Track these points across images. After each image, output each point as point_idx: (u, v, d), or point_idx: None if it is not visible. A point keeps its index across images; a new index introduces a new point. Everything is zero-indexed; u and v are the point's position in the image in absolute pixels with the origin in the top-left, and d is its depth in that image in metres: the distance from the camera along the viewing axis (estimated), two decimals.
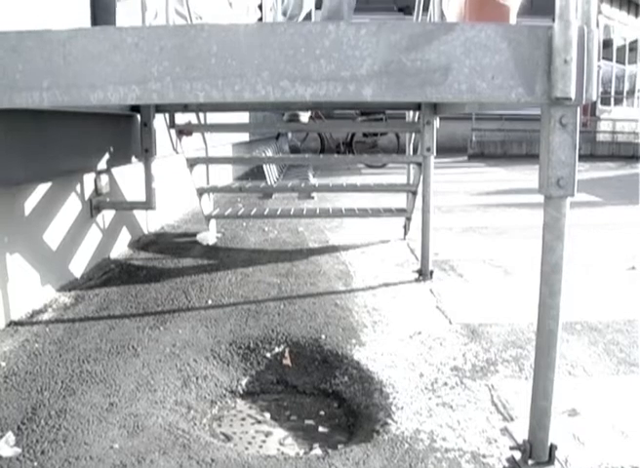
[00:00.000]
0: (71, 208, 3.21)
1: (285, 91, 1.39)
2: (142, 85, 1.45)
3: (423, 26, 1.40)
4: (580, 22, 1.45)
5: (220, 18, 6.46)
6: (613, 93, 19.59)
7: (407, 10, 15.67)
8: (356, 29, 1.38)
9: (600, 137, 17.45)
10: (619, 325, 2.59)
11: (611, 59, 19.38)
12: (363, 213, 4.05)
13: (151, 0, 3.57)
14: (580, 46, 1.43)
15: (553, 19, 1.42)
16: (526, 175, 9.57)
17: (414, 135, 4.05)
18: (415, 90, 1.41)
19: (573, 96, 1.42)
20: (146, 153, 3.73)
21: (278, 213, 4.11)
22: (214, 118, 4.61)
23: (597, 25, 17.45)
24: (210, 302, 2.88)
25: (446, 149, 12.87)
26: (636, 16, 20.20)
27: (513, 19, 3.48)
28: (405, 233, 4.34)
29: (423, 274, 3.36)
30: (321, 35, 1.38)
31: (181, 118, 4.06)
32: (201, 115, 4.21)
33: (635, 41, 20.41)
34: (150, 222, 4.53)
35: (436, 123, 3.34)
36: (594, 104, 17.62)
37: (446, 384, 2.03)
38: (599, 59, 17.55)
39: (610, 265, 3.64)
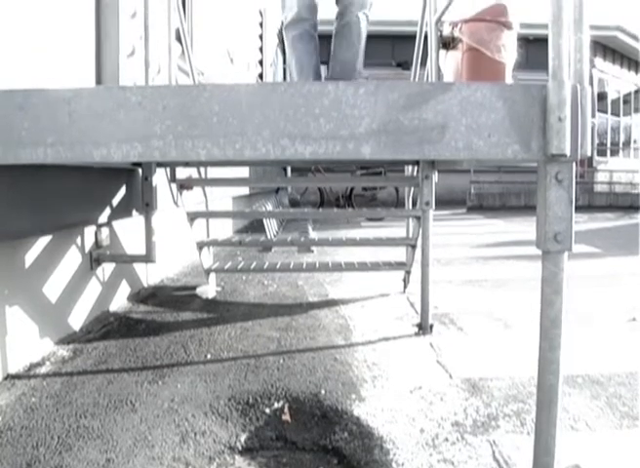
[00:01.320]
0: (71, 260, 3.22)
1: (285, 149, 1.42)
2: (145, 143, 1.48)
3: (421, 86, 1.44)
4: (573, 81, 1.49)
5: (222, 73, 6.58)
6: (609, 144, 19.87)
7: (405, 65, 16.00)
8: (355, 89, 1.41)
9: (598, 188, 17.63)
10: (620, 377, 2.57)
11: (606, 112, 19.76)
12: (362, 266, 4.06)
13: (154, 56, 3.64)
14: (574, 104, 1.47)
15: (548, 74, 1.46)
16: (525, 227, 9.60)
17: (413, 188, 4.08)
18: (413, 148, 1.43)
19: (568, 152, 1.45)
20: (147, 207, 3.75)
21: (278, 267, 4.12)
22: (214, 172, 4.65)
23: (591, 79, 17.79)
24: (209, 356, 2.86)
25: (445, 202, 12.97)
26: (629, 69, 20.67)
27: (509, 75, 3.55)
28: (404, 286, 4.34)
29: (423, 328, 3.35)
30: (320, 95, 1.41)
31: (182, 172, 4.10)
32: (202, 169, 4.26)
33: (629, 94, 20.87)
34: (150, 275, 4.54)
35: (435, 177, 3.37)
36: (591, 156, 17.83)
37: (447, 440, 2.01)
38: (594, 115, 17.80)
39: (610, 317, 3.63)
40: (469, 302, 4.06)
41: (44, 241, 2.91)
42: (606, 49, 19.34)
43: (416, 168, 3.88)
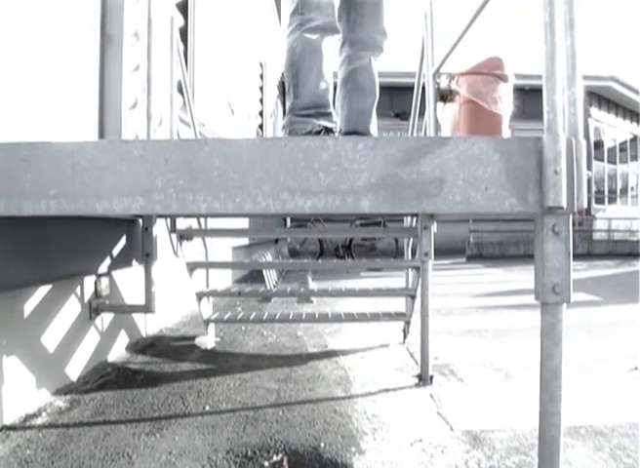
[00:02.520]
0: (70, 310, 3.21)
1: (285, 203, 1.43)
2: (147, 196, 1.50)
3: (418, 141, 1.47)
4: (568, 134, 1.52)
5: (223, 124, 6.67)
6: (606, 192, 20.04)
7: (403, 116, 16.22)
8: (354, 143, 1.44)
9: (596, 236, 17.70)
10: (624, 428, 2.54)
11: (602, 160, 20.00)
12: (362, 317, 4.05)
13: (156, 108, 3.70)
14: (570, 157, 1.49)
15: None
16: (524, 276, 9.60)
17: (412, 238, 4.10)
18: (411, 202, 1.45)
19: (564, 204, 1.47)
20: (147, 257, 3.76)
21: (277, 317, 4.11)
22: (214, 223, 4.68)
23: (588, 128, 18.05)
24: (207, 408, 2.84)
25: (444, 251, 13.00)
26: (624, 118, 21.00)
27: (506, 126, 3.60)
28: (404, 337, 4.32)
29: (423, 379, 3.32)
30: (320, 149, 1.43)
31: (183, 222, 4.12)
32: (202, 220, 4.28)
33: (625, 142, 21.16)
34: (149, 325, 4.52)
35: (433, 227, 3.39)
36: (589, 204, 17.94)
37: None
38: (590, 166, 17.97)
39: (612, 366, 3.60)
40: (470, 353, 4.04)
41: (44, 290, 2.92)
42: (601, 98, 19.68)
43: (415, 218, 3.90)
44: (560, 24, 1.53)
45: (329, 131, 3.07)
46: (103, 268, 3.59)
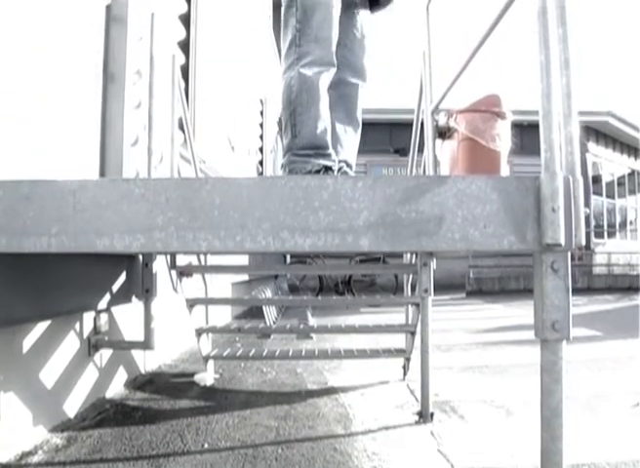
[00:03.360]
0: (69, 346, 3.20)
1: (285, 241, 1.44)
2: (147, 234, 1.51)
3: (417, 180, 1.48)
4: (565, 172, 1.53)
5: (223, 160, 6.71)
6: (605, 226, 20.09)
7: (402, 152, 16.34)
8: (353, 182, 1.45)
9: (596, 270, 17.70)
10: (627, 466, 2.52)
11: (601, 194, 20.09)
12: (362, 354, 4.03)
13: (157, 145, 3.73)
14: (567, 194, 1.51)
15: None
16: (524, 311, 9.55)
17: (412, 274, 4.10)
18: (410, 240, 1.46)
19: (562, 242, 1.48)
20: (147, 293, 3.76)
21: (276, 354, 4.09)
22: (214, 259, 4.68)
23: (585, 163, 18.17)
24: (206, 446, 2.81)
25: (444, 286, 12.96)
26: (621, 153, 21.20)
27: (504, 163, 3.63)
28: (404, 373, 4.29)
29: (424, 416, 3.30)
30: (319, 188, 1.45)
31: (183, 259, 4.13)
32: (202, 256, 4.28)
33: (623, 176, 21.29)
34: (148, 361, 4.50)
35: (433, 264, 3.39)
36: (588, 238, 18.01)
37: None
38: (588, 202, 18.06)
39: (614, 402, 3.58)
40: (470, 389, 4.01)
41: (43, 326, 2.91)
42: (598, 133, 19.85)
43: (414, 255, 3.90)
44: (555, 64, 1.56)
45: (328, 169, 3.09)
46: (103, 304, 3.58)
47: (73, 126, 3.17)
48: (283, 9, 3.32)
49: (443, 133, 3.57)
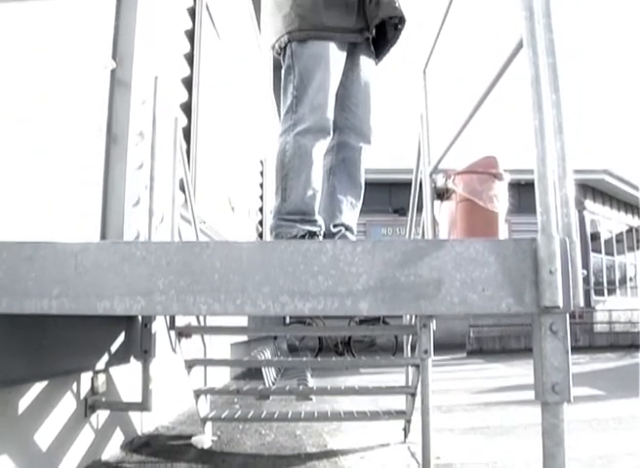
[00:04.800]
0: (66, 407, 3.16)
1: (285, 305, 1.46)
2: (148, 297, 1.52)
3: (416, 243, 1.50)
4: (561, 234, 1.55)
5: (223, 221, 6.75)
6: (605, 283, 20.06)
7: (401, 211, 16.44)
8: (352, 247, 1.47)
9: (598, 328, 17.58)
10: None
11: (600, 251, 20.12)
12: (362, 416, 3.98)
13: (158, 205, 3.76)
14: (564, 257, 1.52)
15: None
16: (526, 371, 9.47)
17: (411, 335, 4.08)
18: (409, 304, 1.47)
19: (560, 304, 1.49)
20: (145, 354, 3.73)
21: (275, 416, 4.04)
22: (214, 320, 4.67)
23: (583, 220, 18.26)
24: None
25: (444, 346, 12.85)
26: (618, 210, 21.36)
27: (502, 223, 3.66)
28: (405, 436, 4.23)
29: None
30: (319, 253, 1.47)
31: (182, 319, 4.11)
32: (201, 317, 4.27)
33: (621, 233, 21.39)
34: (145, 423, 4.43)
35: (433, 325, 3.39)
36: (588, 296, 17.97)
37: None
38: (588, 260, 18.10)
39: (618, 465, 3.52)
40: (472, 451, 3.95)
41: (39, 387, 2.88)
42: (595, 191, 20.03)
43: (414, 315, 3.89)
44: (550, 129, 1.59)
45: (313, 235, 3.17)
46: (101, 365, 3.55)
47: (76, 186, 3.21)
48: (283, 73, 3.41)
49: (441, 194, 3.62)
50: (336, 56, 3.30)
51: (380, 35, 3.56)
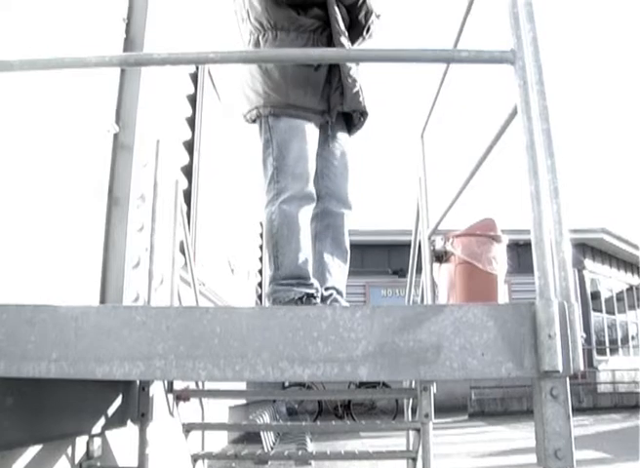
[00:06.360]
0: None
1: (284, 371, 1.45)
2: (147, 361, 1.51)
3: (414, 309, 1.51)
4: (560, 298, 1.56)
5: (223, 283, 6.75)
6: (607, 343, 19.89)
7: (401, 273, 16.43)
8: (352, 312, 1.48)
9: (601, 388, 17.33)
10: None
11: (601, 310, 20.01)
12: None
13: (158, 267, 3.77)
14: (563, 321, 1.52)
15: None
16: (529, 433, 9.26)
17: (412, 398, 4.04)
18: (409, 369, 1.47)
19: (560, 368, 1.48)
20: (142, 417, 3.68)
21: None
22: (212, 383, 4.63)
23: (583, 279, 18.23)
24: None
25: (445, 408, 12.68)
26: (618, 269, 21.37)
27: (501, 285, 3.66)
28: None
29: None
30: (318, 318, 1.47)
31: (180, 382, 4.08)
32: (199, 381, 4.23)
33: (621, 292, 21.33)
34: None
35: (433, 388, 3.36)
36: (590, 356, 17.80)
37: None
38: (587, 322, 18.00)
39: None
40: None
41: (34, 450, 2.84)
42: (594, 250, 20.05)
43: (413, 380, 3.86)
44: (545, 193, 1.61)
45: (310, 296, 3.19)
46: (97, 428, 3.50)
47: (77, 248, 3.23)
48: (261, 147, 3.47)
49: (440, 256, 3.63)
50: (310, 128, 3.39)
51: (348, 118, 3.66)
